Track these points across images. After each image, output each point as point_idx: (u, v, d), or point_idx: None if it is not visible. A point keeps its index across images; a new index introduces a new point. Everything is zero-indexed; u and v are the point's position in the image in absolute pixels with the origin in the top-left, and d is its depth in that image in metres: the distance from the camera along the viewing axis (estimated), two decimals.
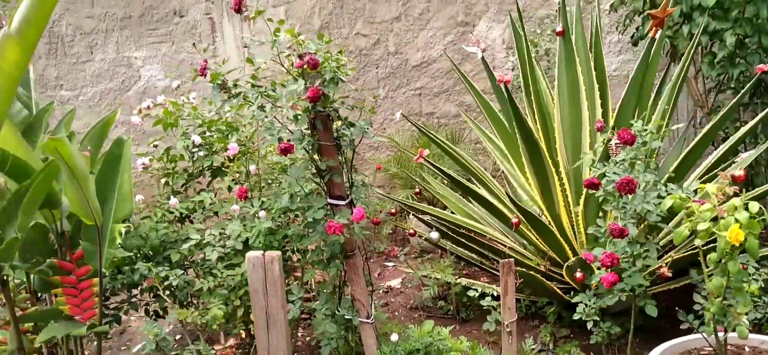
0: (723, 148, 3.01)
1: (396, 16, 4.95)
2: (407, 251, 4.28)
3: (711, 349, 2.32)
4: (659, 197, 2.02)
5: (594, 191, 2.25)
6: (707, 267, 1.87)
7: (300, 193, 2.51)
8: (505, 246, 3.32)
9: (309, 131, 2.42)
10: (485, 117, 3.59)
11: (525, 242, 3.49)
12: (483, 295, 2.87)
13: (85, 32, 5.19)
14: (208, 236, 2.50)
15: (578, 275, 2.55)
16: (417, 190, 3.80)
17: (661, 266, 2.40)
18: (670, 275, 2.37)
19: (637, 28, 3.86)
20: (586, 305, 2.59)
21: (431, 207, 3.68)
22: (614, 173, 2.04)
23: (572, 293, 3.16)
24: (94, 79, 5.24)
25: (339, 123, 2.43)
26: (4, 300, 2.35)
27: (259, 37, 2.37)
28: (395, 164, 4.74)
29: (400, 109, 4.91)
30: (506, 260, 2.45)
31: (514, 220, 2.64)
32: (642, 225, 2.09)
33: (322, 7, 5.01)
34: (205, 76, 2.24)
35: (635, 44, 3.78)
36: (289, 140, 2.27)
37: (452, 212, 3.72)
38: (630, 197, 2.03)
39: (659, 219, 2.05)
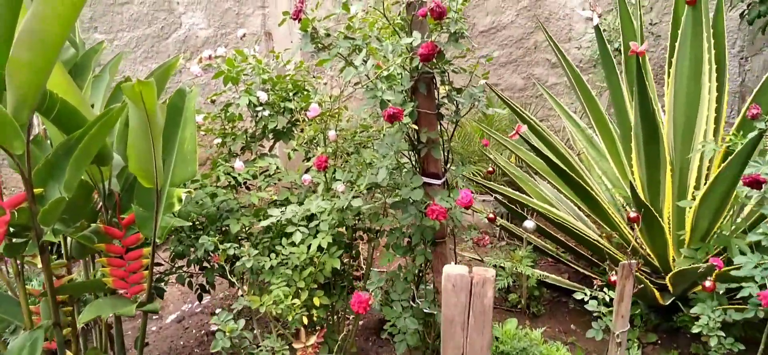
0: None
1: None
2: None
3: None
4: None
5: (754, 190, 1.86)
6: None
7: (390, 166, 2.13)
8: (590, 239, 2.97)
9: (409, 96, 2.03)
10: (575, 92, 3.18)
11: (598, 233, 3.13)
12: (577, 299, 2.47)
13: None
14: (288, 212, 2.12)
15: (708, 284, 2.18)
16: (490, 168, 3.42)
17: None
18: None
19: (748, 6, 3.42)
20: (709, 317, 2.26)
21: (507, 188, 3.31)
22: None
23: (663, 293, 2.81)
24: (132, 24, 4.83)
25: (444, 89, 2.04)
26: (41, 267, 2.02)
27: None
28: (456, 139, 4.35)
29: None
30: (627, 262, 2.08)
31: (633, 215, 2.26)
32: None
33: None
34: (298, 20, 1.84)
35: (751, 23, 3.34)
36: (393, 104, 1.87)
37: (529, 196, 3.35)
38: None
39: None
